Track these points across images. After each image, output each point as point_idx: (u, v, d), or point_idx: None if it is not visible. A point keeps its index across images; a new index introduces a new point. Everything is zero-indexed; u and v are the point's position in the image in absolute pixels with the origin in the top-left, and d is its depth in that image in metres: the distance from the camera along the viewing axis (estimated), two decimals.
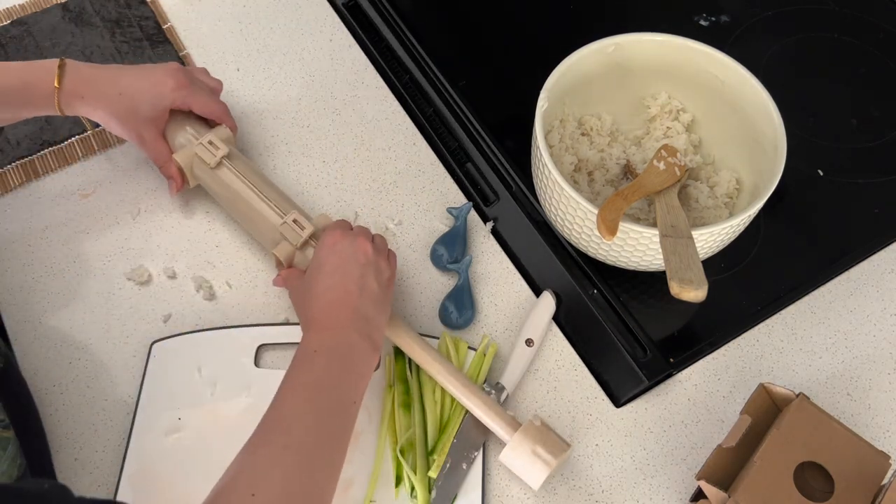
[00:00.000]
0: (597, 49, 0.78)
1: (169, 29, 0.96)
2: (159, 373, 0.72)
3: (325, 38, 0.96)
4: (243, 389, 0.71)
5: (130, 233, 0.81)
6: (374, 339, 0.65)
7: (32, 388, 0.72)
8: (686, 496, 0.69)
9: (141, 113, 0.76)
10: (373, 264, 0.68)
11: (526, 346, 0.73)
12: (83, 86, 0.75)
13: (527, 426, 0.66)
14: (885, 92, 0.95)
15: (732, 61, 0.77)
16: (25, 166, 0.85)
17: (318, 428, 0.59)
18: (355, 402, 0.62)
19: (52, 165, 0.85)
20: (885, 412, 0.73)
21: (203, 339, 0.74)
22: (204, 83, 0.82)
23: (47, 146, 0.86)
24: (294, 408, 0.59)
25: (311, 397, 0.60)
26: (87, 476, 0.68)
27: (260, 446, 0.57)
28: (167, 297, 0.77)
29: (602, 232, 0.65)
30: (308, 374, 0.61)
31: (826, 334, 0.78)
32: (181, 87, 0.78)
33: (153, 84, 0.77)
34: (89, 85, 0.75)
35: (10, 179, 0.84)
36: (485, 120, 0.89)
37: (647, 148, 0.83)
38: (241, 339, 0.74)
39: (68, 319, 0.76)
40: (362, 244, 0.68)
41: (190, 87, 0.78)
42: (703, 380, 0.75)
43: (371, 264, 0.68)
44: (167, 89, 0.77)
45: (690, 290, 0.61)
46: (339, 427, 0.60)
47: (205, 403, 0.71)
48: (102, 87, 0.76)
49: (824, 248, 0.83)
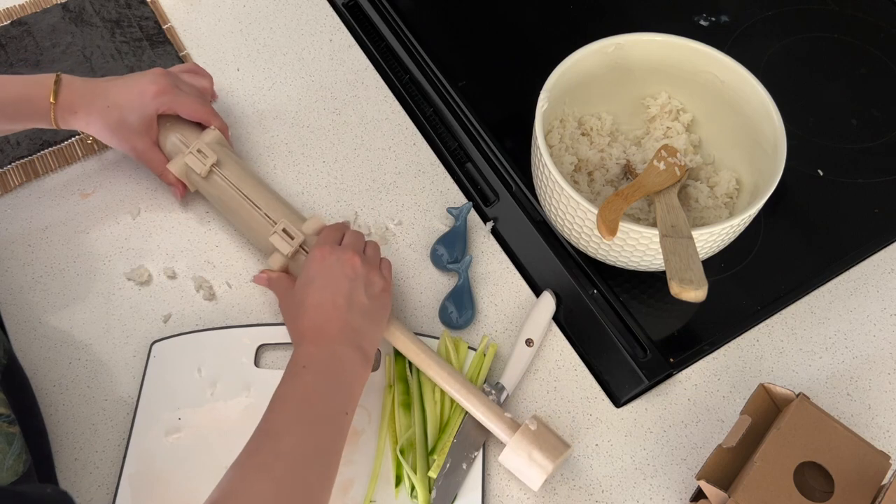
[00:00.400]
0: (597, 49, 0.78)
1: (169, 29, 0.96)
2: (159, 373, 0.72)
3: (325, 38, 0.96)
4: (243, 389, 0.71)
5: (130, 233, 0.81)
6: (365, 350, 0.65)
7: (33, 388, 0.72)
8: (686, 496, 0.69)
9: (129, 124, 0.76)
10: (362, 278, 0.68)
11: (526, 347, 0.73)
12: (76, 100, 0.75)
13: (523, 430, 0.66)
14: (885, 92, 0.95)
15: (732, 61, 0.77)
16: (25, 166, 0.85)
17: (308, 439, 0.59)
18: (347, 413, 0.62)
19: (52, 165, 0.85)
20: (885, 412, 0.73)
21: (203, 340, 0.74)
22: (190, 85, 0.82)
23: (47, 146, 0.86)
24: (284, 421, 0.60)
25: (301, 410, 0.60)
26: (87, 476, 0.68)
27: (251, 458, 0.57)
28: (167, 297, 0.77)
29: (602, 232, 0.65)
30: (297, 387, 0.62)
31: (826, 334, 0.78)
32: (163, 92, 0.77)
33: (138, 94, 0.77)
34: (82, 99, 0.76)
35: (10, 179, 0.84)
36: (485, 120, 0.89)
37: (647, 148, 0.83)
38: (242, 339, 0.74)
39: (68, 319, 0.76)
40: (350, 259, 0.68)
41: (173, 91, 0.78)
42: (703, 380, 0.75)
43: (360, 278, 0.68)
44: (149, 97, 0.77)
45: (690, 290, 0.61)
46: (329, 438, 0.60)
47: (205, 403, 0.71)
48: (93, 100, 0.76)
49: (824, 248, 0.83)
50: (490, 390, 0.71)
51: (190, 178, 0.78)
